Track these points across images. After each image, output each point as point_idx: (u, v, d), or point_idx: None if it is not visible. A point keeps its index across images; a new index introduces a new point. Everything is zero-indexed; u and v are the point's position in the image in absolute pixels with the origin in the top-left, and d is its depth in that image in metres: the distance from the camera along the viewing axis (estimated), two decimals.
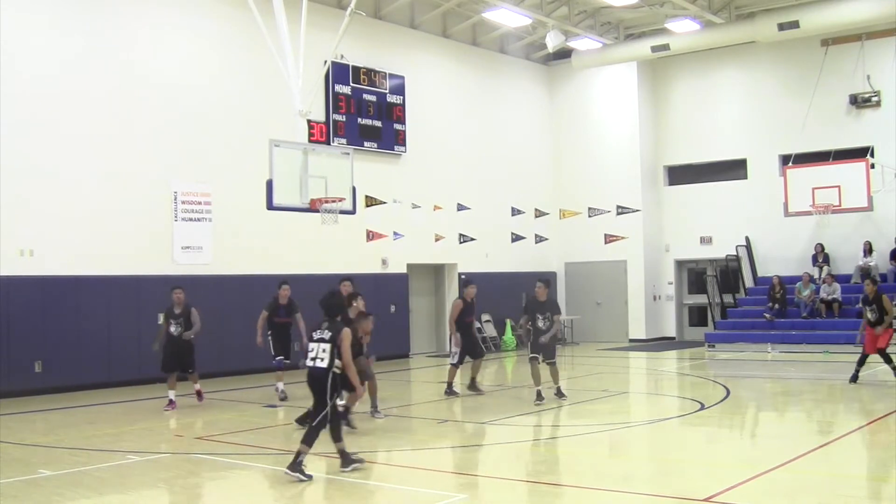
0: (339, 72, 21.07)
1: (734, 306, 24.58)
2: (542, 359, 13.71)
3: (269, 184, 12.83)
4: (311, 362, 9.00)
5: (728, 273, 25.28)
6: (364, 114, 21.68)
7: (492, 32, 25.12)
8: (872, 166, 21.66)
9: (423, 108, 23.34)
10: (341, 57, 20.97)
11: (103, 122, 17.16)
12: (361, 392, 10.66)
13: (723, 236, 25.14)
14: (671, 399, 15.60)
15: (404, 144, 22.63)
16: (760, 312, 23.10)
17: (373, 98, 21.89)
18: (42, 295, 16.11)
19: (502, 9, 21.95)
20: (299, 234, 19.50)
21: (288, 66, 13.74)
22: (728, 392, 14.99)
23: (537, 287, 14.00)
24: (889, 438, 10.79)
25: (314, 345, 9.03)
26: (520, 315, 15.03)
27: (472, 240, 24.61)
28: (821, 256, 23.43)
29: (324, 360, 8.92)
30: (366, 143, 21.56)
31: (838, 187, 21.17)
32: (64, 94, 16.66)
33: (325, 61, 15.48)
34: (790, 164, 22.75)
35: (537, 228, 26.84)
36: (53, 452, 10.66)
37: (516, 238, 26.11)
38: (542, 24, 23.22)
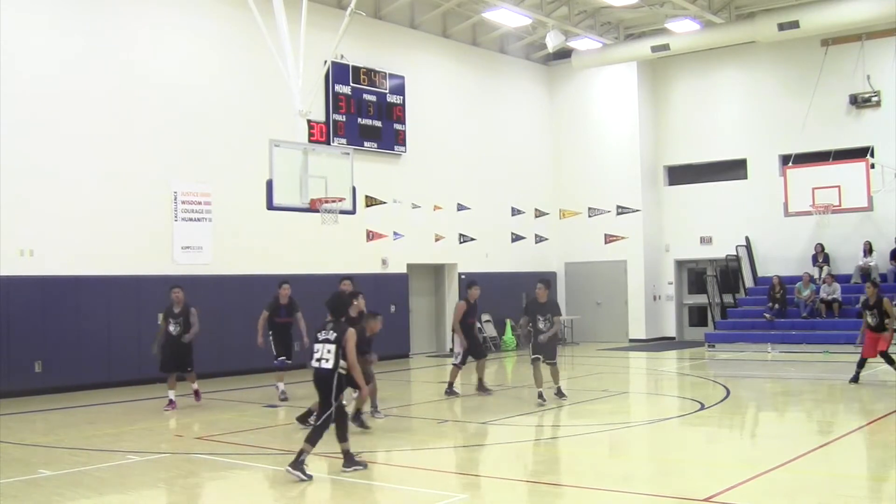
0: (339, 72, 21.07)
1: (734, 306, 24.58)
2: (543, 359, 13.71)
3: (269, 184, 12.83)
4: (317, 363, 9.00)
5: (728, 273, 25.28)
6: (364, 114, 21.68)
7: (492, 32, 25.12)
8: (872, 166, 21.66)
9: (423, 108, 23.34)
10: (341, 57, 20.98)
11: (103, 122, 17.17)
12: (367, 392, 10.63)
13: (723, 236, 25.14)
14: (671, 399, 15.60)
15: (404, 144, 22.63)
16: (760, 312, 23.10)
17: (373, 98, 21.89)
18: (42, 295, 16.12)
19: (502, 9, 21.95)
20: (299, 234, 19.51)
21: (288, 66, 13.75)
22: (728, 392, 14.99)
23: (538, 288, 13.94)
24: (889, 438, 10.78)
25: (319, 346, 9.04)
26: (520, 315, 15.02)
27: (472, 240, 24.61)
28: (821, 256, 23.43)
29: (329, 361, 8.92)
30: (366, 143, 21.56)
31: (838, 187, 21.17)
32: (64, 94, 16.67)
33: (325, 61, 15.48)
34: (790, 164, 22.75)
35: (537, 228, 26.84)
36: (53, 452, 10.66)
37: (516, 238, 26.12)
38: (542, 24, 23.22)
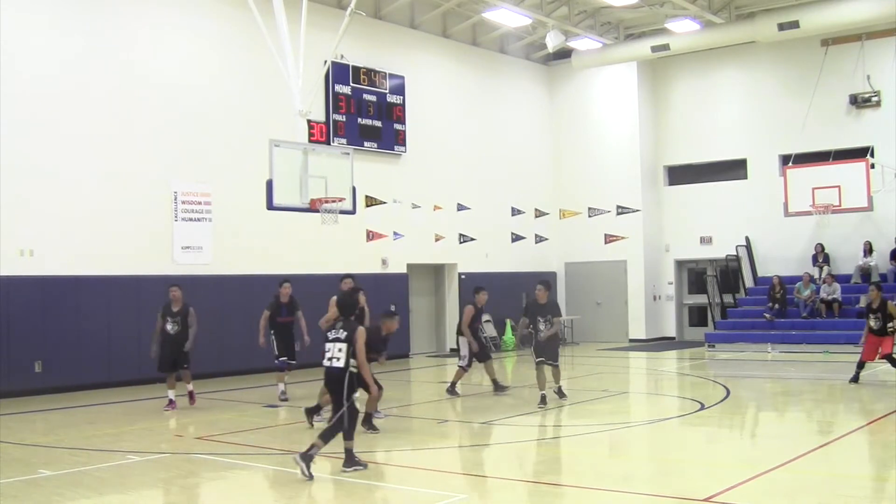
0: (339, 72, 21.07)
1: (734, 306, 24.58)
2: (546, 360, 13.68)
3: (269, 184, 12.84)
4: (328, 362, 9.00)
5: (728, 273, 25.28)
6: (364, 114, 21.68)
7: (492, 32, 25.12)
8: (872, 166, 21.66)
9: (423, 108, 23.34)
10: (341, 57, 20.97)
11: (103, 122, 17.17)
12: (376, 391, 10.48)
13: (723, 236, 25.14)
14: (671, 399, 15.60)
15: (404, 144, 22.63)
16: (760, 312, 23.10)
17: (373, 98, 21.89)
18: (42, 295, 16.12)
19: (502, 9, 21.95)
20: (299, 234, 19.50)
21: (288, 66, 13.75)
22: (728, 392, 14.98)
23: (537, 289, 13.92)
24: (889, 438, 10.78)
25: (330, 344, 9.04)
26: (520, 316, 15.02)
27: (472, 240, 24.61)
28: (821, 256, 23.43)
29: (340, 360, 8.92)
30: (366, 143, 21.56)
31: (838, 187, 21.17)
32: (64, 94, 16.67)
33: (325, 61, 15.49)
34: (790, 164, 22.75)
35: (537, 228, 26.84)
36: (53, 452, 10.66)
37: (516, 238, 26.12)
38: (542, 24, 23.22)
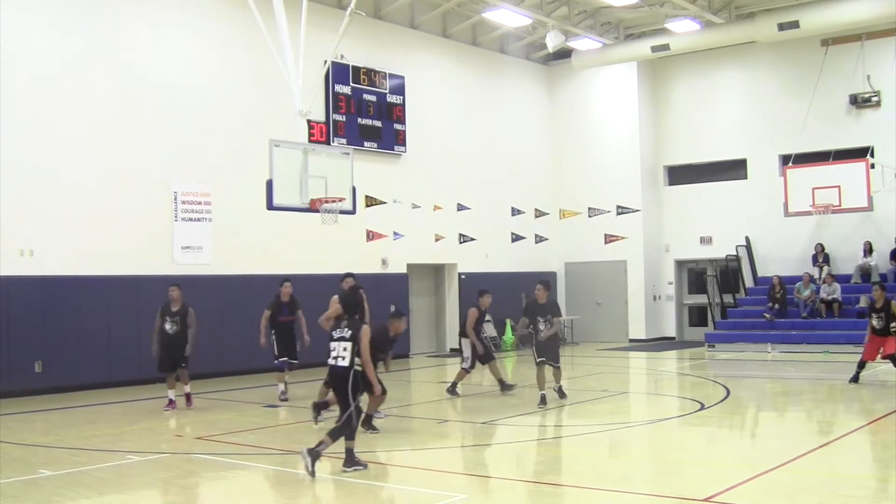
0: (339, 72, 21.07)
1: (734, 306, 24.57)
2: (547, 360, 13.67)
3: (269, 184, 12.83)
4: (333, 361, 9.01)
5: (728, 273, 25.28)
6: (364, 114, 21.68)
7: (492, 32, 25.11)
8: (872, 166, 21.66)
9: (423, 108, 23.34)
10: (341, 57, 20.97)
11: (103, 122, 17.16)
12: (379, 391, 10.28)
13: (723, 236, 25.13)
14: (671, 399, 15.60)
15: (404, 144, 22.63)
16: (760, 312, 23.10)
17: (373, 98, 21.89)
18: (42, 295, 16.12)
19: (502, 9, 21.95)
20: (299, 234, 19.50)
21: (288, 66, 13.75)
22: (728, 392, 14.98)
23: (537, 289, 13.90)
24: (889, 438, 10.78)
25: (335, 343, 9.05)
26: (520, 316, 15.02)
27: (472, 240, 24.61)
28: (821, 256, 23.42)
29: (345, 359, 8.94)
30: (366, 143, 21.56)
31: (838, 187, 21.17)
32: (64, 94, 16.66)
33: (325, 61, 15.48)
34: (790, 164, 22.75)
35: (537, 228, 26.84)
36: (53, 452, 10.66)
37: (516, 238, 26.11)
38: (542, 24, 23.22)
